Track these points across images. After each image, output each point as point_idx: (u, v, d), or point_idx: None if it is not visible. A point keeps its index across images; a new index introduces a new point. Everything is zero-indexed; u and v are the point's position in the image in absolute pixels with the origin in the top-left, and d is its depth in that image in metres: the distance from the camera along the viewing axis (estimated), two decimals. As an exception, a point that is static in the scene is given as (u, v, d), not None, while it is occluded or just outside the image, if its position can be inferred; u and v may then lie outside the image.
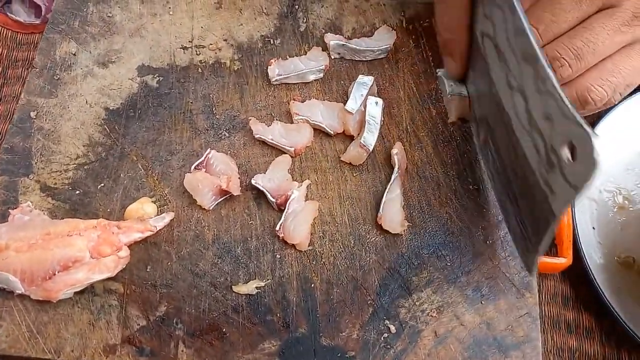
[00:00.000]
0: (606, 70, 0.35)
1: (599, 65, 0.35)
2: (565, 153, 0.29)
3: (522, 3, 0.37)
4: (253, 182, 0.41)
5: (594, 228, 0.46)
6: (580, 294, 0.45)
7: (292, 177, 0.42)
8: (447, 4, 0.38)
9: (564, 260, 0.42)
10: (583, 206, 0.46)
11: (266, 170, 0.42)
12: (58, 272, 0.38)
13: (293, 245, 0.40)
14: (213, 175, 0.41)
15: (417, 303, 0.38)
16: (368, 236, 0.40)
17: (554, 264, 0.42)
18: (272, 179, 0.41)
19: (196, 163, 0.42)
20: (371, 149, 0.41)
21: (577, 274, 0.45)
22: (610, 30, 0.34)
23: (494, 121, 0.37)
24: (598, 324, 0.44)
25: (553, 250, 0.44)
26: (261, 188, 0.41)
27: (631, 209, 0.47)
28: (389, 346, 0.37)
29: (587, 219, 0.45)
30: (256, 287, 0.39)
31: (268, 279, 0.39)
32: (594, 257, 0.44)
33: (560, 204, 0.30)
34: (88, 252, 0.38)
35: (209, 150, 0.42)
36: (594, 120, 0.49)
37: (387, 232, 0.40)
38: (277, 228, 0.40)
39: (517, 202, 0.36)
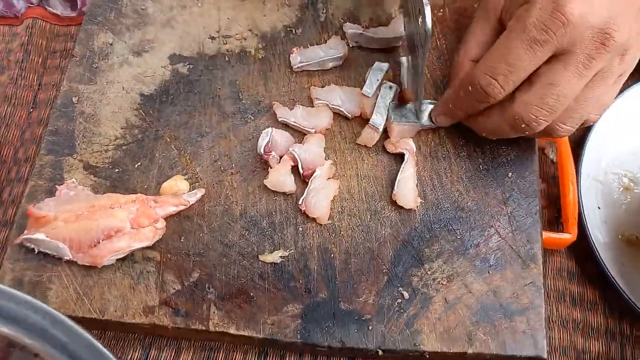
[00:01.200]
0: (570, 111, 0.38)
1: (565, 110, 0.38)
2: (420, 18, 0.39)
3: (469, 53, 0.41)
4: (290, 149, 0.44)
5: (599, 208, 0.48)
6: (585, 269, 0.47)
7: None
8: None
9: (568, 236, 0.45)
10: (589, 187, 0.48)
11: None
12: (102, 240, 0.42)
13: (314, 219, 0.43)
14: (278, 150, 0.45)
15: (429, 272, 0.41)
16: (383, 211, 0.44)
17: (559, 239, 0.45)
18: (307, 151, 0.44)
19: (263, 145, 0.45)
20: (380, 129, 0.44)
21: (582, 251, 0.47)
22: (574, 78, 0.36)
23: None
24: (602, 297, 0.47)
25: (559, 227, 0.47)
26: (296, 156, 0.44)
27: (636, 190, 0.49)
28: (402, 311, 0.40)
29: (592, 199, 0.48)
30: (280, 257, 0.42)
31: (291, 249, 0.43)
32: (598, 235, 0.47)
33: (420, 57, 0.41)
34: (128, 222, 0.42)
35: (271, 129, 0.45)
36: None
37: (401, 207, 0.43)
38: (300, 202, 0.43)
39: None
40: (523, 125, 0.38)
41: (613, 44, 0.35)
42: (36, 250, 0.43)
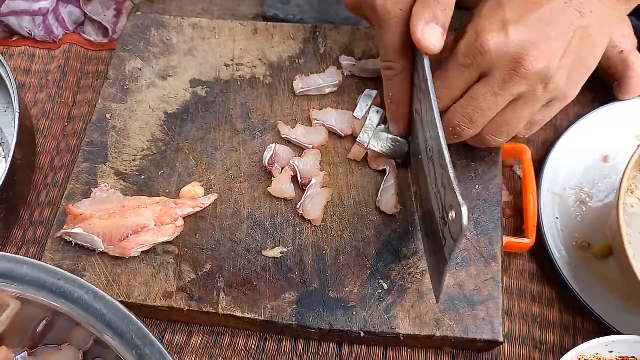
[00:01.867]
0: (497, 124, 0.45)
1: (492, 121, 0.45)
2: (452, 214, 0.39)
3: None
4: (291, 162, 0.52)
5: (557, 218, 0.55)
6: (544, 271, 0.55)
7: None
8: (393, 83, 0.48)
9: (528, 241, 0.52)
10: (549, 200, 0.55)
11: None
12: (130, 235, 0.49)
13: (310, 221, 0.51)
14: (280, 163, 0.52)
15: (406, 268, 0.49)
16: (369, 216, 0.51)
17: (520, 244, 0.52)
18: (305, 164, 0.52)
19: (267, 158, 0.52)
20: (367, 146, 0.52)
21: (542, 255, 0.54)
22: (490, 95, 0.43)
23: (419, 179, 0.48)
24: (558, 295, 0.53)
25: (522, 234, 0.54)
26: (296, 167, 0.51)
27: (590, 204, 0.56)
28: (382, 299, 0.47)
29: (551, 210, 0.55)
30: (280, 252, 0.50)
31: (290, 246, 0.50)
32: (555, 242, 0.54)
33: (448, 250, 0.40)
34: (153, 221, 0.50)
35: (274, 145, 0.53)
36: (564, 128, 0.59)
37: (383, 213, 0.51)
38: (298, 207, 0.51)
39: (430, 245, 0.46)
40: (451, 129, 0.45)
41: (525, 71, 0.41)
42: (73, 243, 0.51)
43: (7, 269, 0.41)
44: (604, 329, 0.50)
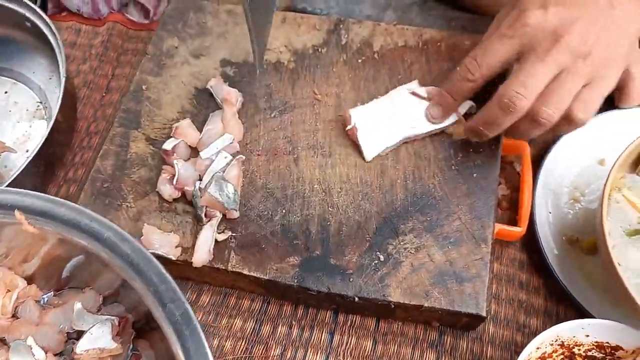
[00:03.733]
0: (547, 95, 0.49)
1: (542, 93, 0.49)
2: None
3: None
4: (174, 162, 0.55)
5: (550, 212, 0.59)
6: (533, 260, 0.58)
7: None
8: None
9: (519, 229, 0.56)
10: (543, 195, 0.59)
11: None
12: (156, 192, 0.55)
13: (319, 193, 0.55)
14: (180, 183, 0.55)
15: (402, 243, 0.53)
16: (373, 194, 0.55)
17: (512, 232, 0.56)
18: (187, 169, 0.56)
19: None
20: (203, 187, 0.54)
21: (532, 246, 0.58)
22: (538, 62, 0.48)
23: None
24: (544, 284, 0.57)
25: (514, 223, 0.58)
26: (176, 169, 0.55)
27: (582, 203, 0.59)
28: (377, 269, 0.52)
29: (544, 204, 0.59)
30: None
31: (297, 215, 0.55)
32: (545, 234, 0.57)
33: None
34: (177, 181, 0.55)
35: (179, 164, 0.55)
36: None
37: (386, 192, 0.55)
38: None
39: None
40: (506, 100, 0.48)
41: (565, 43, 0.47)
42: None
43: (47, 209, 0.47)
44: (584, 318, 0.54)
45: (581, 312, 0.54)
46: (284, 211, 0.55)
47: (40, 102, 0.72)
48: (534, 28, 0.48)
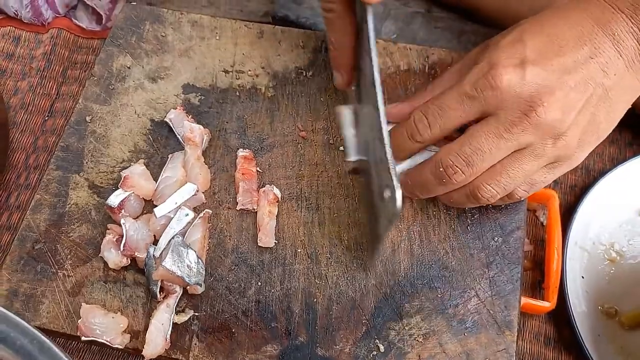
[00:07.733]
0: (495, 172, 0.39)
1: (490, 168, 0.39)
2: (387, 193, 0.37)
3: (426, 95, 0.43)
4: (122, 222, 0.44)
5: (583, 277, 0.49)
6: (563, 336, 0.48)
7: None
8: (333, 26, 0.43)
9: (548, 304, 0.46)
10: (575, 255, 0.49)
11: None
12: (97, 262, 0.43)
13: (302, 263, 0.45)
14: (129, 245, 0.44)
15: (407, 327, 0.42)
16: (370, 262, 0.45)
17: (538, 307, 0.46)
18: (138, 230, 0.45)
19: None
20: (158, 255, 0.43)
21: (562, 317, 0.48)
22: (494, 137, 0.37)
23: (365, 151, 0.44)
24: (575, 366, 0.48)
25: (541, 291, 0.48)
26: (124, 230, 0.44)
27: (621, 263, 0.50)
28: (376, 363, 0.41)
29: (577, 267, 0.49)
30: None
31: (277, 289, 0.44)
32: (579, 304, 0.48)
33: (383, 229, 0.39)
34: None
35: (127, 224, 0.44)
36: (597, 173, 0.52)
37: (387, 260, 0.45)
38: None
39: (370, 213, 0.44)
40: (441, 170, 0.39)
41: (537, 118, 0.37)
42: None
43: None
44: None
45: (621, 405, 0.44)
46: (259, 283, 0.44)
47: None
48: (504, 92, 0.37)
